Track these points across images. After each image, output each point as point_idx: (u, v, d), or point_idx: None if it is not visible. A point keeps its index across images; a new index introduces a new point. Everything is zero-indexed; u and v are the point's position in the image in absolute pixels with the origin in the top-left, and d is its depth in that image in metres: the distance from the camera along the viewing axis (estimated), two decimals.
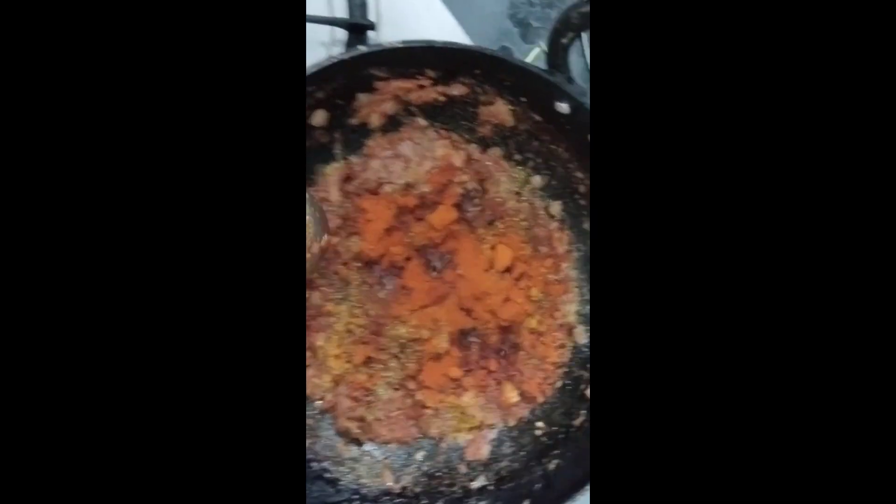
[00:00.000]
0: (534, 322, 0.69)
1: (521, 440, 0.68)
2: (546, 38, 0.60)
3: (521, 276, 0.69)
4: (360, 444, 0.68)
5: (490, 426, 0.69)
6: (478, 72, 0.62)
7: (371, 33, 0.73)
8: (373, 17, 0.75)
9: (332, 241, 0.68)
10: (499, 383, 0.69)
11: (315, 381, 0.67)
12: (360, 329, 0.68)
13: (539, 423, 0.68)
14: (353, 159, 0.68)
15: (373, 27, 0.73)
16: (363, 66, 0.60)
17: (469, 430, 0.68)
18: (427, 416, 0.68)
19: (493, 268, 0.69)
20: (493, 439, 0.69)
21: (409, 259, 0.69)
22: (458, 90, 0.65)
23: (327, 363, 0.67)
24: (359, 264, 0.68)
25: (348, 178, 0.68)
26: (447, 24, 0.80)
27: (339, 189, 0.67)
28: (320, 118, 0.64)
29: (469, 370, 0.68)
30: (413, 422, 0.68)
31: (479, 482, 0.66)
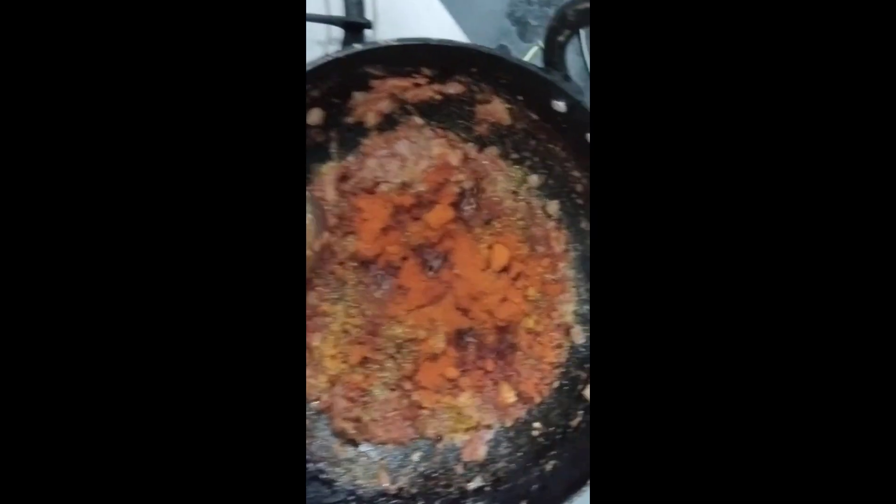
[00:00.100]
0: (531, 322, 0.68)
1: (517, 441, 0.68)
2: (543, 37, 0.60)
3: (518, 275, 0.69)
4: (356, 444, 0.67)
5: (487, 427, 0.68)
6: (474, 70, 0.62)
7: (368, 32, 0.73)
8: (370, 15, 0.74)
9: (330, 240, 0.68)
10: (495, 384, 0.68)
11: (311, 382, 0.67)
12: (357, 329, 0.67)
13: (536, 424, 0.68)
14: (349, 158, 0.68)
15: (369, 25, 0.73)
16: (358, 64, 0.59)
17: (466, 430, 0.68)
18: (423, 416, 0.68)
19: (489, 267, 0.68)
20: (489, 440, 0.68)
21: (405, 259, 0.68)
22: (454, 88, 0.64)
23: (323, 363, 0.67)
24: (355, 264, 0.67)
25: (344, 178, 0.68)
26: (445, 23, 0.80)
27: (335, 188, 0.67)
28: (316, 117, 0.64)
29: (466, 370, 0.68)
30: (409, 422, 0.67)
31: (476, 483, 0.66)
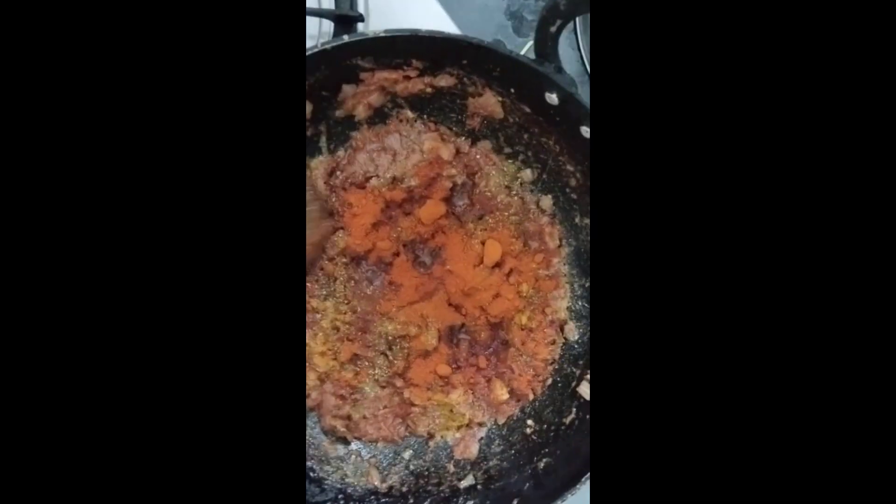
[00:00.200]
0: (524, 318, 0.68)
1: (510, 438, 0.67)
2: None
3: (511, 271, 0.68)
4: (346, 442, 0.67)
5: (479, 424, 0.67)
6: (465, 62, 0.61)
7: (360, 26, 0.72)
8: (362, 9, 0.74)
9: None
10: (488, 381, 0.67)
11: None
12: (347, 326, 0.67)
13: (529, 422, 0.67)
14: (339, 152, 0.67)
15: (362, 19, 0.72)
16: (347, 55, 0.59)
17: (458, 428, 0.67)
18: (415, 414, 0.67)
19: (482, 263, 0.68)
20: (482, 438, 0.67)
21: (396, 255, 0.68)
22: (445, 81, 0.63)
23: (313, 360, 0.66)
24: (346, 260, 0.66)
25: (334, 172, 0.67)
26: (439, 17, 0.79)
27: (325, 183, 0.66)
28: (305, 110, 0.63)
29: (458, 367, 0.67)
30: (400, 420, 0.67)
31: (468, 481, 0.65)
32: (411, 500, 0.64)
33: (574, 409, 0.65)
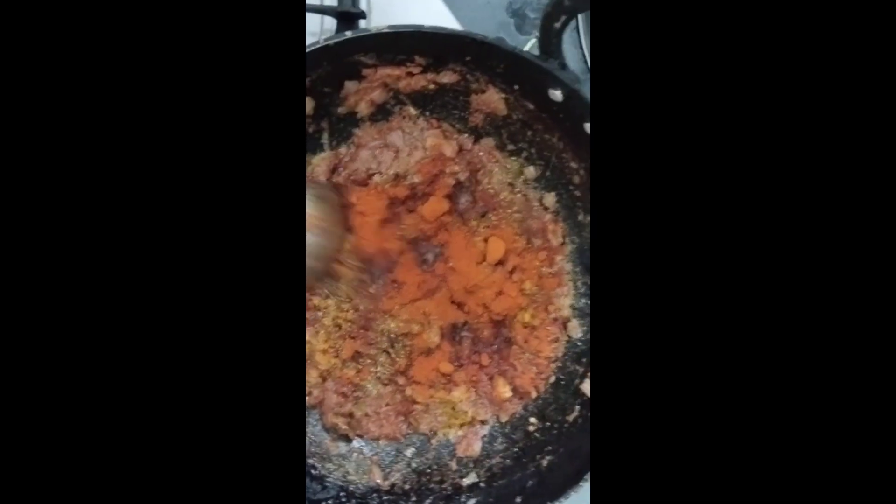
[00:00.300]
0: (527, 316, 0.67)
1: (513, 436, 0.67)
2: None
3: (514, 269, 0.67)
4: (348, 440, 0.66)
5: (482, 422, 0.67)
6: (469, 58, 0.60)
7: (362, 23, 0.72)
8: (364, 6, 0.73)
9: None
10: (491, 378, 0.67)
11: None
12: (349, 323, 0.67)
13: (532, 419, 0.67)
14: (342, 149, 0.67)
15: (363, 16, 0.72)
16: (350, 52, 0.58)
17: (460, 426, 0.67)
18: (417, 411, 0.67)
19: (485, 261, 0.67)
20: (484, 435, 0.67)
21: (400, 252, 0.67)
22: (448, 78, 0.63)
23: (315, 358, 0.66)
24: (358, 263, 0.66)
25: (336, 169, 0.67)
26: (441, 14, 0.79)
27: (328, 179, 0.66)
28: (307, 106, 0.62)
29: (460, 365, 0.67)
30: (402, 418, 0.66)
31: (471, 479, 0.65)
32: (413, 498, 0.63)
33: (577, 407, 0.65)
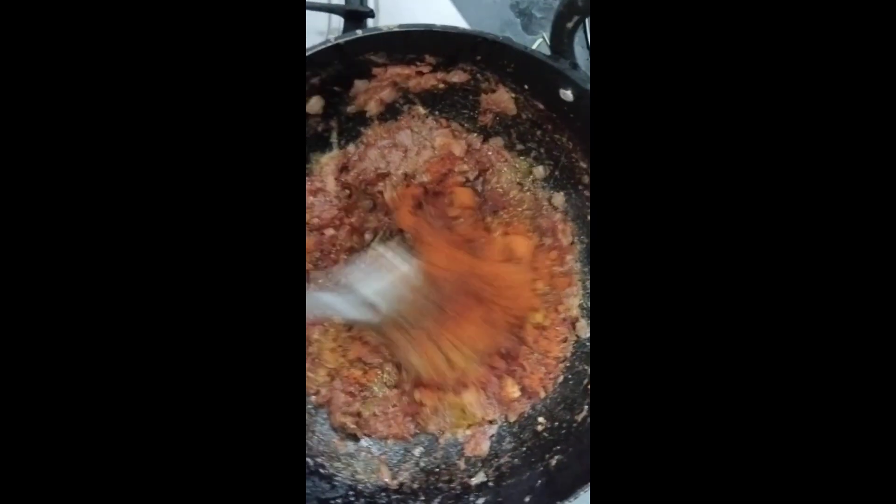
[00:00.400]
0: (539, 316, 0.67)
1: (521, 436, 0.67)
2: (548, 29, 0.59)
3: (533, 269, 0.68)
4: (356, 439, 0.66)
5: (490, 422, 0.67)
6: (479, 58, 0.60)
7: (370, 21, 0.72)
8: (372, 5, 0.73)
9: (329, 233, 0.67)
10: (499, 378, 0.67)
11: (310, 376, 0.66)
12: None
13: (540, 419, 0.67)
14: (350, 148, 0.67)
15: (372, 14, 0.72)
16: (360, 50, 0.58)
17: (468, 426, 0.67)
18: (425, 413, 0.66)
19: (508, 259, 0.67)
20: (493, 435, 0.67)
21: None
22: (458, 77, 0.63)
23: (323, 356, 0.66)
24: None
25: (345, 168, 0.66)
26: (448, 13, 0.79)
27: (336, 179, 0.66)
28: (316, 105, 0.62)
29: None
30: (410, 418, 0.66)
31: (479, 478, 0.65)
32: (422, 498, 0.63)
33: (586, 407, 0.65)
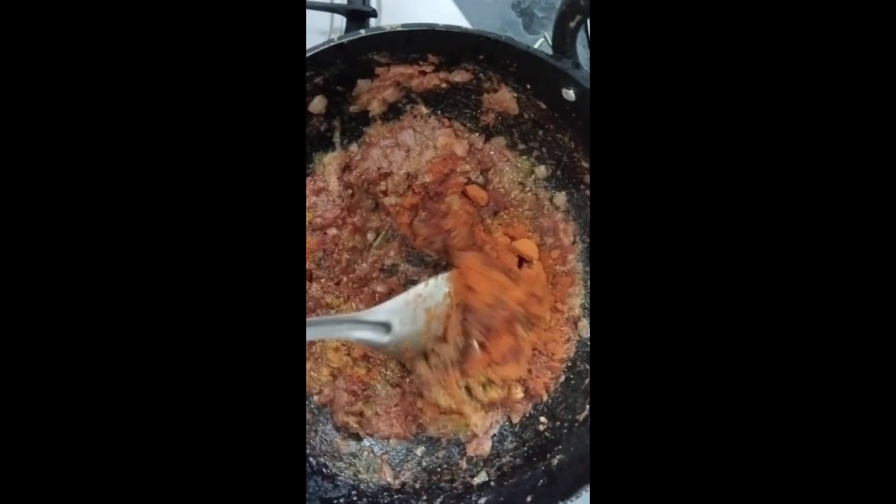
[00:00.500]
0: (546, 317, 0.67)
1: (523, 435, 0.67)
2: (550, 28, 0.59)
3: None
4: (358, 439, 0.66)
5: (492, 422, 0.67)
6: (481, 57, 0.60)
7: (372, 21, 0.72)
8: (374, 4, 0.73)
9: (332, 232, 0.67)
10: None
11: (313, 375, 0.66)
12: None
13: (542, 419, 0.67)
14: (353, 148, 0.67)
15: (374, 14, 0.72)
16: (363, 50, 0.58)
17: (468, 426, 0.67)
18: (425, 417, 0.66)
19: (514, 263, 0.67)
20: (494, 435, 0.67)
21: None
22: (460, 77, 0.63)
23: (326, 356, 0.66)
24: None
25: (347, 168, 0.66)
26: (450, 13, 0.79)
27: (339, 178, 0.66)
28: (319, 105, 0.62)
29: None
30: (412, 418, 0.66)
31: (481, 478, 0.65)
32: (424, 497, 0.63)
33: (587, 407, 0.65)
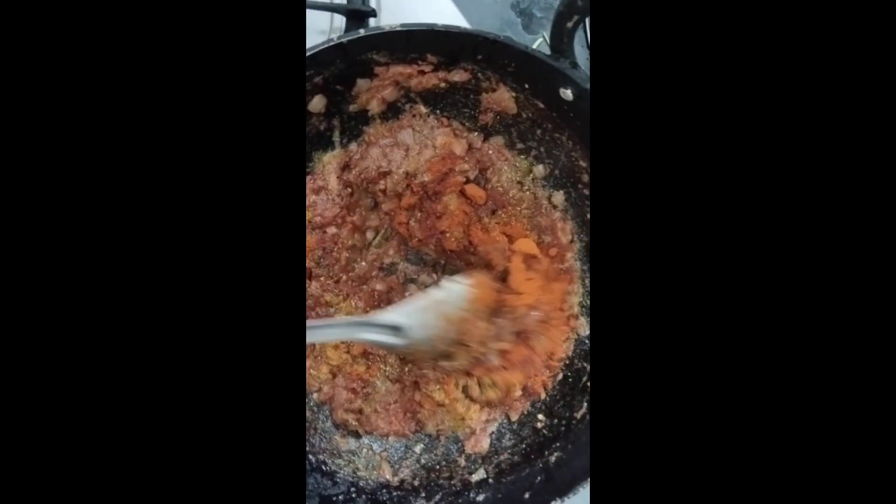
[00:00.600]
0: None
1: (521, 433, 0.67)
2: (549, 28, 0.59)
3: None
4: (357, 436, 0.67)
5: (490, 420, 0.67)
6: (480, 57, 0.61)
7: (371, 21, 0.73)
8: (373, 4, 0.74)
9: (331, 231, 0.67)
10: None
11: (312, 373, 0.66)
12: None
13: (540, 416, 0.67)
14: (352, 147, 0.67)
15: (374, 14, 0.72)
16: (363, 49, 0.59)
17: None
18: (423, 414, 0.67)
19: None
20: (493, 432, 0.68)
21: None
22: (459, 76, 0.63)
23: (325, 354, 0.66)
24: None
25: (347, 167, 0.67)
26: (449, 12, 0.79)
27: (338, 177, 0.66)
28: (319, 104, 0.63)
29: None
30: (411, 415, 0.67)
31: (479, 475, 0.65)
32: (423, 494, 0.64)
33: (585, 404, 0.65)
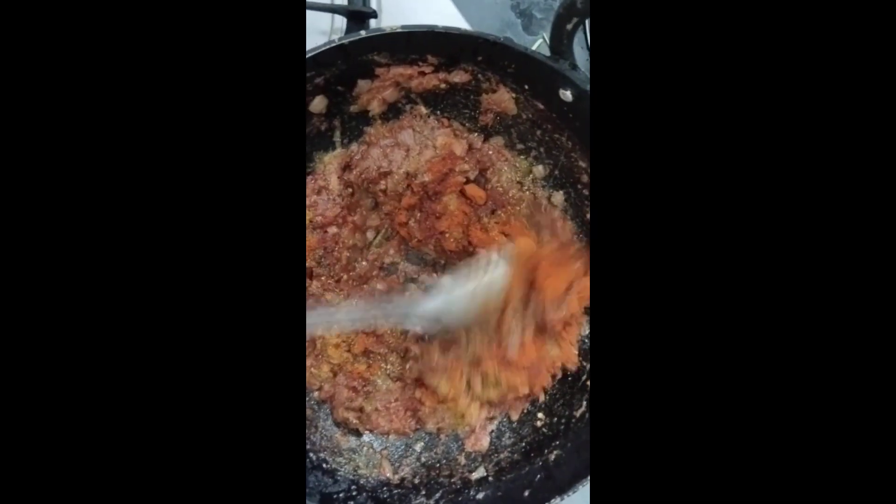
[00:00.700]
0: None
1: (521, 431, 0.68)
2: (549, 30, 0.59)
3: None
4: (358, 434, 0.67)
5: (490, 418, 0.68)
6: (480, 58, 0.61)
7: (372, 22, 0.73)
8: (374, 6, 0.74)
9: (332, 231, 0.67)
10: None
11: (313, 371, 0.66)
12: None
13: (540, 415, 0.68)
14: (353, 147, 0.68)
15: (375, 15, 0.73)
16: (364, 50, 0.59)
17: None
18: (424, 412, 0.67)
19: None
20: (492, 430, 0.68)
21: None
22: (459, 77, 0.64)
23: (326, 352, 0.66)
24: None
25: (348, 167, 0.67)
26: (449, 14, 0.80)
27: (339, 177, 0.67)
28: (319, 105, 0.63)
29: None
30: (411, 413, 0.67)
31: (479, 473, 0.65)
32: (423, 492, 0.64)
33: (584, 403, 0.65)
